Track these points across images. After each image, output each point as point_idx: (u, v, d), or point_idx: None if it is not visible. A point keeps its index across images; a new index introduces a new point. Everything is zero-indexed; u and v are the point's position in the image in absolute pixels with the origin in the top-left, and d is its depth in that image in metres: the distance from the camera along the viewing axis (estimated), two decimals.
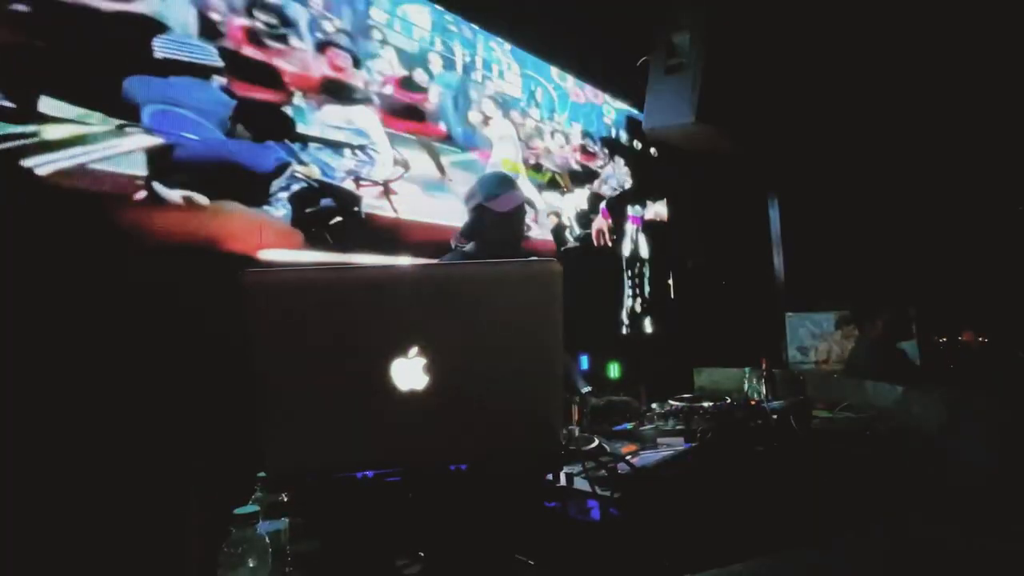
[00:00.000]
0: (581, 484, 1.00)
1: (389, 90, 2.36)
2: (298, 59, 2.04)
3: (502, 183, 1.72)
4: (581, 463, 1.01)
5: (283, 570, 0.83)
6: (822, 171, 4.06)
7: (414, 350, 0.74)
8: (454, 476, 0.82)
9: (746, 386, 2.20)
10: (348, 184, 2.16)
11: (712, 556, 0.77)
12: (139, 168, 1.60)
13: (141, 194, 1.60)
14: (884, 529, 0.85)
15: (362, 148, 2.23)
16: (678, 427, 1.52)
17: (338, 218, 2.11)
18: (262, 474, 0.89)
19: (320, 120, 2.09)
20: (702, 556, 0.78)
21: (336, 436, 0.76)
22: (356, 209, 2.18)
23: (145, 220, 1.60)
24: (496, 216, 1.65)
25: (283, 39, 2.01)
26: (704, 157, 3.38)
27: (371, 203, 2.24)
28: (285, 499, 0.87)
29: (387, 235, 2.27)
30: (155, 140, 1.64)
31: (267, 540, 0.80)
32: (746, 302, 4.12)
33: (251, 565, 0.78)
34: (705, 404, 1.78)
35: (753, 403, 2.02)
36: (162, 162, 1.65)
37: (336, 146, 2.14)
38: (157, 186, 1.64)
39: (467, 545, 0.80)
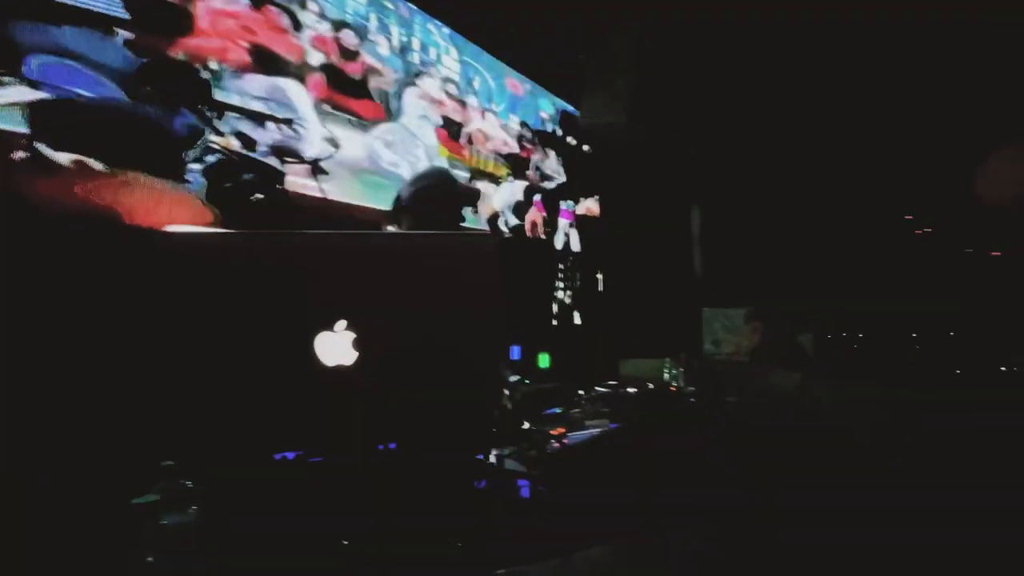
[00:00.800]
0: (511, 465, 1.00)
1: (320, 63, 2.24)
2: (220, 20, 1.88)
3: (444, 172, 1.83)
4: (511, 444, 1.02)
5: (189, 563, 0.77)
6: (741, 174, 4.35)
7: (342, 324, 0.71)
8: (381, 456, 0.79)
9: (666, 375, 2.33)
10: (271, 160, 2.03)
11: (632, 527, 0.80)
12: (17, 125, 1.41)
13: (19, 154, 1.41)
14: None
15: (288, 122, 2.09)
16: (604, 410, 1.59)
17: (259, 195, 1.97)
18: (168, 462, 0.81)
19: (242, 88, 1.94)
20: (623, 528, 0.81)
21: (253, 416, 0.71)
22: (279, 187, 2.05)
23: (24, 184, 1.41)
24: (437, 202, 1.67)
25: None
26: (635, 154, 3.52)
27: (297, 181, 2.11)
28: (193, 487, 0.80)
29: (312, 216, 2.16)
30: (40, 94, 1.45)
31: (170, 532, 0.74)
32: (667, 297, 4.35)
33: (149, 560, 0.72)
34: (630, 390, 1.87)
35: (672, 390, 2.15)
36: (48, 120, 1.46)
37: (259, 118, 1.99)
38: (41, 147, 1.44)
39: (393, 527, 0.78)
